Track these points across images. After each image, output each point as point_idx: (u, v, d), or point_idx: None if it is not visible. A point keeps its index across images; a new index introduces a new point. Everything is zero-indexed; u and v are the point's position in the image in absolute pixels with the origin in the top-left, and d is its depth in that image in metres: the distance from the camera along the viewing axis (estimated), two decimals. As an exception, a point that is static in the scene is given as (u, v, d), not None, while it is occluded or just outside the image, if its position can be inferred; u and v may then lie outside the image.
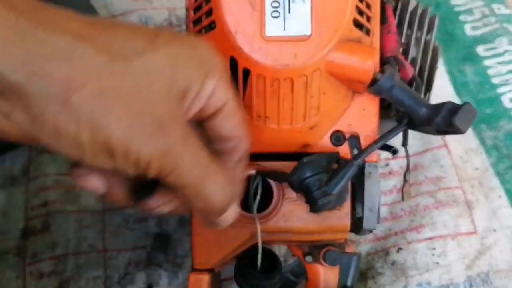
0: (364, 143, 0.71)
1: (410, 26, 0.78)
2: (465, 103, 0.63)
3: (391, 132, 0.68)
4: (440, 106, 0.64)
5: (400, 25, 0.78)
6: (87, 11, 1.05)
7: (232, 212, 0.59)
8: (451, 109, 0.63)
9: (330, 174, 0.66)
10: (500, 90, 1.15)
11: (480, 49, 1.21)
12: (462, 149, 1.10)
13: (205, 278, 0.74)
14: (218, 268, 0.77)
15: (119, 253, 1.03)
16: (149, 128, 0.48)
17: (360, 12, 0.66)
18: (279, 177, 0.71)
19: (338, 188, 0.66)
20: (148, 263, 1.02)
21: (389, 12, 0.74)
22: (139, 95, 0.47)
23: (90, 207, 1.06)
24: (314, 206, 0.66)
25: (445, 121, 0.63)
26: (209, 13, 0.66)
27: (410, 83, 0.73)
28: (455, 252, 1.00)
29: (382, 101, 0.71)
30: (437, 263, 0.99)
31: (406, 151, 0.74)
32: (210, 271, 0.75)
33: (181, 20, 1.28)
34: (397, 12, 0.78)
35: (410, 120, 0.68)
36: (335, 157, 0.69)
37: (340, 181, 0.66)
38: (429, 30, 0.79)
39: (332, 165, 0.68)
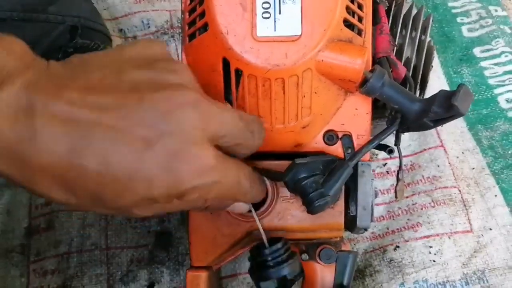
0: (357, 142, 0.72)
1: (405, 26, 0.79)
2: (460, 85, 0.64)
3: (384, 133, 0.69)
4: (433, 96, 0.65)
5: (394, 25, 0.79)
6: (90, 14, 1.06)
7: None
8: (447, 95, 0.64)
9: (325, 176, 0.67)
10: (497, 91, 1.16)
11: (477, 51, 1.21)
12: (459, 149, 1.10)
13: (203, 275, 0.75)
14: (215, 265, 0.77)
15: (121, 251, 1.04)
16: None
17: (351, 13, 0.67)
18: (274, 176, 0.71)
19: (334, 189, 0.67)
20: (150, 261, 1.03)
21: (382, 12, 0.75)
22: None
23: (93, 206, 1.07)
24: (311, 208, 0.66)
25: (443, 106, 0.64)
26: (202, 15, 0.67)
27: (403, 83, 0.74)
28: (452, 250, 1.01)
29: (376, 101, 0.72)
30: (434, 261, 1.00)
31: (399, 150, 0.75)
32: (208, 268, 0.76)
33: (182, 21, 1.29)
34: (391, 12, 0.79)
35: (402, 120, 0.68)
36: (333, 161, 0.70)
37: (336, 182, 0.67)
38: (424, 30, 0.79)
39: (329, 168, 0.69)
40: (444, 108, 0.64)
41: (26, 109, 0.48)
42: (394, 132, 0.71)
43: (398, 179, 0.77)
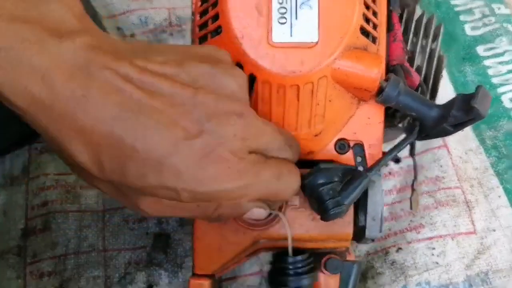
0: (368, 151, 0.71)
1: (416, 34, 0.78)
2: (479, 86, 0.63)
3: (403, 143, 0.68)
4: (451, 101, 0.65)
5: (405, 32, 0.78)
6: (87, 11, 1.04)
7: None
8: (465, 98, 0.63)
9: (343, 185, 0.66)
10: (500, 90, 1.15)
11: (480, 49, 1.21)
12: (462, 149, 1.10)
13: (206, 283, 0.74)
14: (219, 273, 0.76)
15: (119, 253, 1.02)
16: None
17: (367, 20, 0.66)
18: None
19: (351, 199, 0.65)
20: (148, 263, 1.02)
21: (395, 19, 0.74)
22: None
23: (90, 206, 1.06)
24: (326, 215, 0.65)
25: (462, 110, 0.63)
26: (216, 17, 0.66)
27: (416, 91, 0.73)
28: (455, 252, 1.00)
29: (387, 109, 0.71)
30: (437, 263, 0.99)
31: (414, 160, 0.74)
32: (211, 276, 0.75)
33: (181, 19, 1.28)
34: (403, 20, 0.78)
35: (421, 128, 0.67)
36: (352, 171, 0.68)
37: (353, 192, 0.65)
38: (435, 38, 0.78)
39: (347, 177, 0.68)
40: (464, 112, 0.63)
41: (83, 68, 0.50)
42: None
43: (413, 190, 0.76)
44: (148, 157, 0.52)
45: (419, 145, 1.10)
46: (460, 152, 1.09)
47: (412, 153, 0.74)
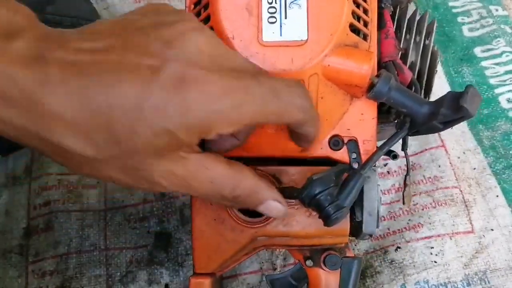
0: (362, 147, 0.70)
1: (409, 30, 0.78)
2: (468, 86, 0.63)
3: (394, 138, 0.68)
4: (442, 98, 0.65)
5: (399, 29, 0.78)
6: (90, 14, 1.06)
7: None
8: (455, 96, 0.63)
9: (339, 187, 0.66)
10: (498, 90, 1.16)
11: (478, 50, 1.21)
12: (460, 149, 1.10)
13: (206, 282, 0.74)
14: (219, 272, 0.77)
15: (120, 252, 1.03)
16: None
17: (357, 17, 0.67)
18: (289, 193, 0.70)
19: (350, 200, 0.65)
20: (150, 262, 1.03)
21: (387, 17, 0.74)
22: None
23: (92, 206, 1.07)
24: (328, 221, 0.65)
25: (452, 108, 0.63)
26: (207, 19, 0.66)
27: (409, 87, 0.73)
28: (453, 251, 1.01)
29: (381, 105, 0.71)
30: (435, 261, 1.00)
31: (406, 155, 0.74)
32: (211, 275, 0.75)
33: (182, 21, 1.28)
34: (396, 17, 0.78)
35: (412, 124, 0.68)
36: (345, 169, 0.68)
37: (350, 193, 0.64)
38: (428, 34, 0.79)
39: (342, 177, 0.67)
40: (453, 110, 0.63)
41: (37, 57, 0.49)
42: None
43: (405, 185, 0.76)
44: (126, 109, 0.50)
45: (417, 145, 1.11)
46: (458, 152, 1.10)
47: (404, 148, 0.74)
